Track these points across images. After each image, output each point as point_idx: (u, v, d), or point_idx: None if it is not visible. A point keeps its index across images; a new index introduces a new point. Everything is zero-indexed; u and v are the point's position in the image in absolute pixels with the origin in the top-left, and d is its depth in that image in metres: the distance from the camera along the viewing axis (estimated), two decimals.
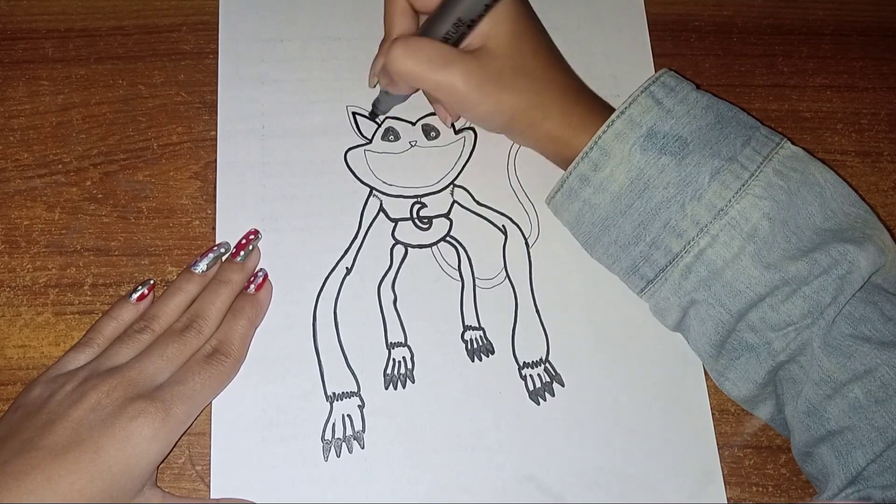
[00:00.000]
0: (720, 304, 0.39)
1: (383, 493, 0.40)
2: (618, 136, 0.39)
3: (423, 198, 0.46)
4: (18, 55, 0.48)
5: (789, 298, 0.37)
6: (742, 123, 0.40)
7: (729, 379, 0.40)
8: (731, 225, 0.38)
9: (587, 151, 0.40)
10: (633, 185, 0.39)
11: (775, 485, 0.42)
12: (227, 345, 0.39)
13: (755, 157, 0.39)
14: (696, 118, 0.39)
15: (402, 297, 0.43)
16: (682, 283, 0.39)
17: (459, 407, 0.42)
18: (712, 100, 0.40)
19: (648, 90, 0.40)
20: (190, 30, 0.49)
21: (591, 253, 0.43)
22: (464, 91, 0.39)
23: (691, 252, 0.38)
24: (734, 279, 0.38)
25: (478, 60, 0.39)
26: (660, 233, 0.39)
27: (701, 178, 0.38)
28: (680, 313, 0.40)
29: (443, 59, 0.39)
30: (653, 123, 0.39)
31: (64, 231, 0.44)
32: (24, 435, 0.35)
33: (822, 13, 0.52)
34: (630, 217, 0.39)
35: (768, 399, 0.40)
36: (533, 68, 0.40)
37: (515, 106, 0.40)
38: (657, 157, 0.39)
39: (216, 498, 0.39)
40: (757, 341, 0.38)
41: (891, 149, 0.49)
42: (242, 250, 0.42)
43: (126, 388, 0.36)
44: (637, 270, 0.40)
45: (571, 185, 0.40)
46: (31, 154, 0.46)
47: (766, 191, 0.38)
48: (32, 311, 0.43)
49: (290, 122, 0.46)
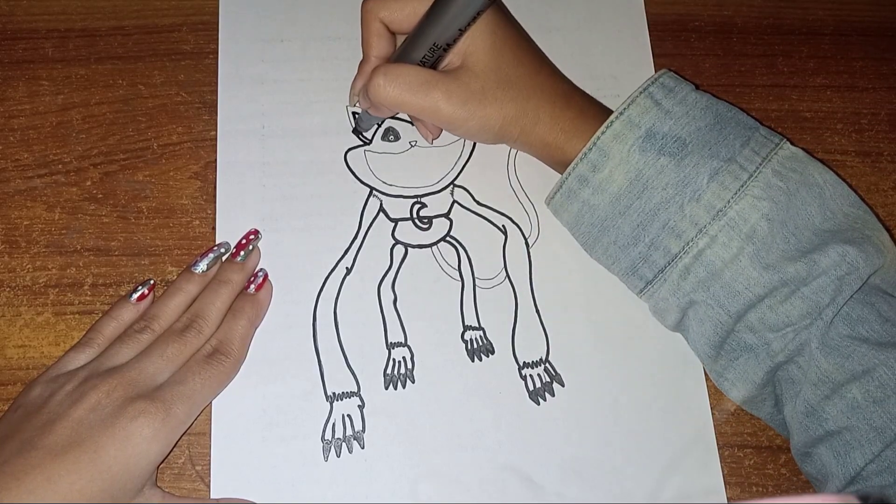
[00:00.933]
0: (719, 304, 0.39)
1: (383, 493, 0.40)
2: (616, 137, 0.39)
3: (423, 198, 0.46)
4: (18, 55, 0.48)
5: (788, 299, 0.37)
6: (741, 124, 0.40)
7: (728, 379, 0.40)
8: (729, 226, 0.38)
9: (586, 152, 0.40)
10: (632, 186, 0.39)
11: (775, 485, 0.42)
12: (228, 345, 0.39)
13: (754, 157, 0.39)
14: (694, 119, 0.39)
15: (402, 297, 0.43)
16: (681, 284, 0.39)
17: (459, 407, 0.42)
18: (711, 100, 0.40)
19: (647, 91, 0.40)
20: (190, 30, 0.49)
21: (590, 253, 0.43)
22: (448, 112, 0.40)
23: (690, 253, 0.38)
24: (733, 280, 0.38)
25: (458, 80, 0.40)
26: (658, 233, 0.39)
27: (700, 179, 0.38)
28: (679, 314, 0.40)
29: (423, 84, 0.39)
30: (651, 124, 0.39)
31: (64, 231, 0.44)
32: (24, 435, 0.35)
33: (822, 13, 0.52)
34: (629, 218, 0.39)
35: (767, 399, 0.40)
36: (517, 77, 0.41)
37: (503, 117, 0.41)
38: (656, 158, 0.39)
39: (216, 498, 0.39)
40: (756, 342, 0.38)
41: (891, 149, 0.49)
42: (242, 250, 0.42)
43: (126, 388, 0.36)
44: (636, 271, 0.40)
45: (570, 186, 0.40)
46: (31, 154, 0.46)
47: (765, 192, 0.38)
48: (32, 311, 0.43)
49: (290, 122, 0.46)
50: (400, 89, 0.39)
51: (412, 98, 0.39)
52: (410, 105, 0.40)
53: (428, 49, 0.38)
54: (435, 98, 0.39)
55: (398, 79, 0.39)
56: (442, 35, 0.38)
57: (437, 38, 0.38)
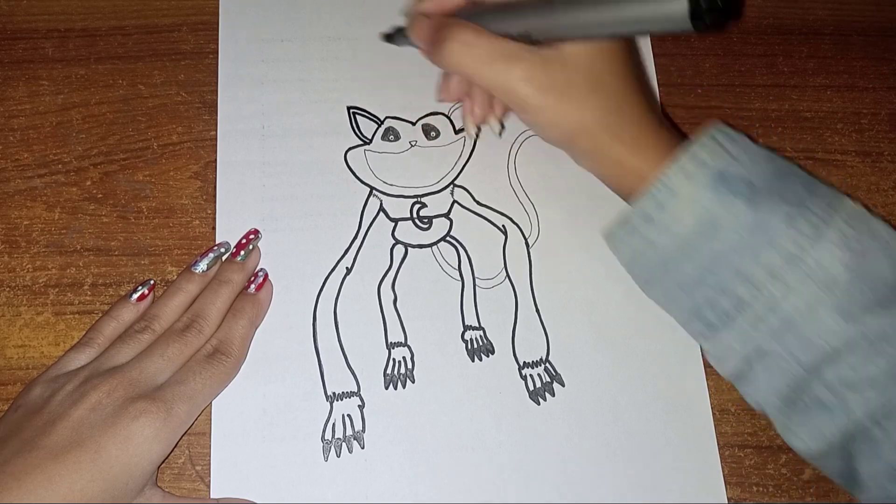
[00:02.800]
0: (792, 356, 0.36)
1: (383, 493, 0.40)
2: (686, 175, 0.37)
3: (423, 198, 0.46)
4: (18, 55, 0.48)
5: (870, 356, 0.35)
6: (802, 176, 0.38)
7: (797, 435, 0.38)
8: (807, 274, 0.36)
9: (651, 189, 0.37)
10: (702, 227, 0.37)
11: (775, 485, 0.42)
12: (228, 345, 0.39)
13: (825, 206, 0.37)
14: (759, 165, 0.37)
15: (402, 296, 0.43)
16: (751, 333, 0.37)
17: (459, 407, 0.42)
18: (770, 152, 0.39)
19: (710, 134, 0.38)
20: (190, 30, 0.49)
21: (647, 292, 0.41)
22: (523, 94, 0.37)
23: (763, 300, 0.36)
24: (808, 330, 0.36)
25: (544, 64, 0.37)
26: (728, 278, 0.37)
27: (775, 224, 0.36)
28: (743, 363, 0.38)
29: (503, 58, 0.36)
30: (722, 166, 0.37)
31: (64, 231, 0.44)
32: (25, 435, 0.35)
33: (822, 13, 0.52)
34: (695, 260, 0.37)
35: (838, 457, 0.37)
36: (609, 86, 0.38)
37: (580, 122, 0.38)
38: (729, 200, 0.36)
39: (216, 498, 0.39)
40: (832, 399, 0.36)
41: (891, 149, 0.49)
42: (242, 250, 0.42)
43: (127, 388, 0.36)
44: (700, 315, 0.38)
45: (633, 222, 0.38)
46: (31, 154, 0.46)
47: (842, 240, 0.36)
48: (32, 311, 0.43)
49: (290, 122, 0.46)
50: (477, 61, 0.36)
51: (488, 72, 0.36)
52: (484, 79, 0.37)
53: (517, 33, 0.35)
54: (513, 77, 0.36)
55: (476, 49, 0.36)
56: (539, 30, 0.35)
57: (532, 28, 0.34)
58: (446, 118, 0.47)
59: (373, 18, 0.49)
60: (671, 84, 0.50)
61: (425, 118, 0.47)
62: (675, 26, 0.31)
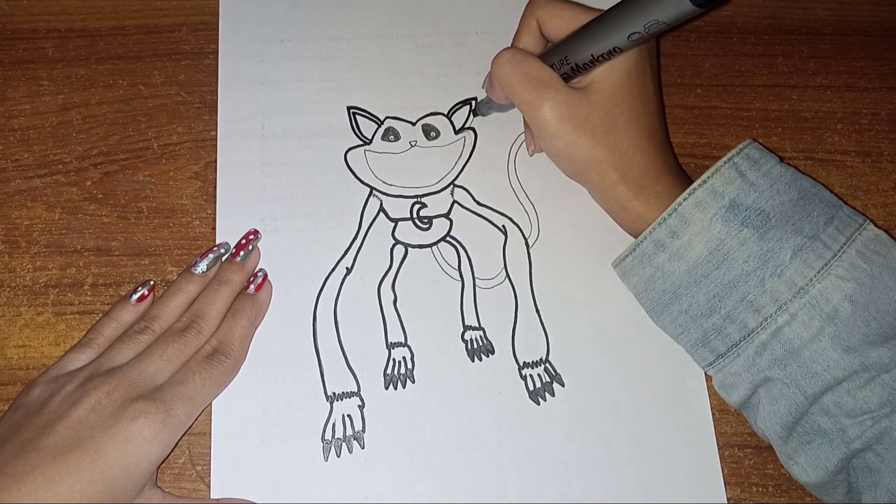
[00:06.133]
0: (795, 384, 0.37)
1: (383, 493, 0.40)
2: (699, 205, 0.38)
3: (423, 198, 0.46)
4: (18, 55, 0.48)
5: (867, 385, 0.36)
6: (825, 201, 0.39)
7: (798, 463, 0.38)
8: (811, 304, 0.37)
9: (665, 217, 0.39)
10: (712, 256, 0.38)
11: (775, 485, 0.42)
12: (228, 345, 0.39)
13: (838, 236, 0.38)
14: (779, 193, 0.38)
15: (402, 297, 0.43)
16: (756, 360, 0.38)
17: (459, 407, 0.42)
18: (796, 175, 0.39)
19: (731, 161, 0.39)
20: (190, 30, 0.49)
21: (656, 320, 0.42)
22: (545, 118, 0.40)
23: (768, 329, 0.37)
24: (811, 360, 0.37)
25: (572, 97, 0.39)
26: (736, 306, 0.38)
27: (783, 255, 0.37)
28: (749, 390, 0.39)
29: (539, 80, 0.40)
30: (735, 195, 0.38)
31: (64, 231, 0.44)
32: (25, 435, 0.35)
33: (822, 13, 0.52)
34: (705, 288, 0.38)
35: (839, 487, 0.38)
36: (623, 129, 0.40)
37: (590, 156, 0.40)
38: (739, 230, 0.38)
39: (216, 498, 0.39)
40: (830, 427, 0.37)
41: (891, 149, 0.49)
42: (242, 250, 0.42)
43: (126, 389, 0.36)
44: (707, 343, 0.39)
45: (645, 250, 0.40)
46: (31, 154, 0.46)
47: (849, 272, 0.37)
48: (32, 311, 0.43)
49: (290, 122, 0.46)
50: (517, 74, 0.40)
51: (522, 87, 0.40)
52: (517, 93, 0.40)
53: (561, 56, 0.39)
54: (541, 98, 0.39)
55: (520, 65, 0.40)
56: (577, 51, 0.38)
57: (570, 52, 0.39)
58: (446, 118, 0.47)
59: (373, 18, 0.49)
60: (671, 84, 0.50)
61: (425, 118, 0.47)
62: (676, 8, 0.33)
